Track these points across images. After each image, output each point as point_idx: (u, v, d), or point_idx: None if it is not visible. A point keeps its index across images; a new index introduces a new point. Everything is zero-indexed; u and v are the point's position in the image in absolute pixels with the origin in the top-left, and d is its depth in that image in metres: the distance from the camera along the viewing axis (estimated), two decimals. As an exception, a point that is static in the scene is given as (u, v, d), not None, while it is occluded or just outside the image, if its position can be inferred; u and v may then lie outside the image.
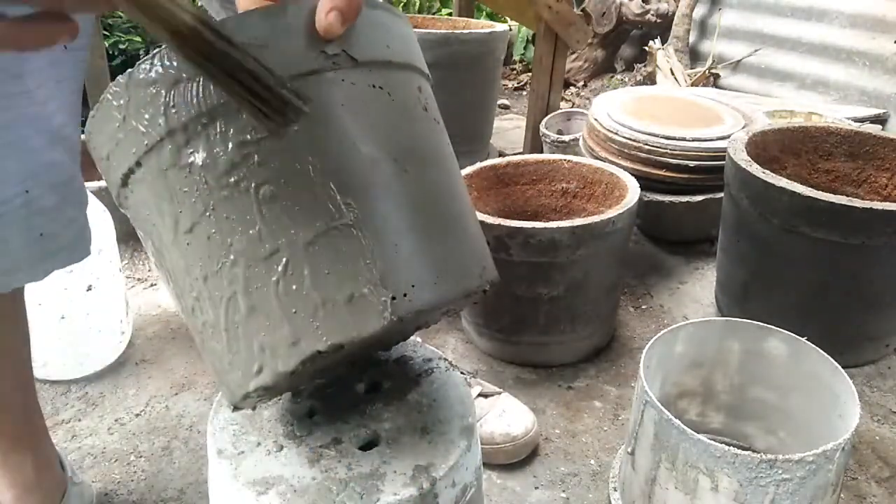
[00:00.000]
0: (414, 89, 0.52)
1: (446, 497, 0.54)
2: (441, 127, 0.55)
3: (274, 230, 0.45)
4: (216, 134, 0.45)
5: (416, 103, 0.52)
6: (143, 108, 0.46)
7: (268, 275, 0.45)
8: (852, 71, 2.50)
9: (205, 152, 0.45)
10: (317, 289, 0.44)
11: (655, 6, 3.19)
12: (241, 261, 0.46)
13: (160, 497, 0.99)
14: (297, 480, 0.53)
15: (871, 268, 1.16)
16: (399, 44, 0.52)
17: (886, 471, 1.07)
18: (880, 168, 1.40)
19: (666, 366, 0.96)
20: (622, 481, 0.96)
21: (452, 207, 0.52)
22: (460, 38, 1.82)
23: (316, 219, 0.44)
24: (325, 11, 0.45)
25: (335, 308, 0.45)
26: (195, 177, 0.45)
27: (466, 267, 0.51)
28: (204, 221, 0.46)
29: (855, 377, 1.22)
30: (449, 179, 0.54)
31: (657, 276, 1.58)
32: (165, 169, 0.46)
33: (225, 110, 0.44)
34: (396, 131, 0.49)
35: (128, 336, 1.29)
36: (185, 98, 0.44)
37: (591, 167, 1.39)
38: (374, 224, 0.46)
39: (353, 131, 0.46)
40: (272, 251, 0.45)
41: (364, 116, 0.46)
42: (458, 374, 0.65)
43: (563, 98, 3.14)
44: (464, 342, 1.35)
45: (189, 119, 0.45)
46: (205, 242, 0.46)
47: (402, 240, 0.47)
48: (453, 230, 0.51)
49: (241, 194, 0.45)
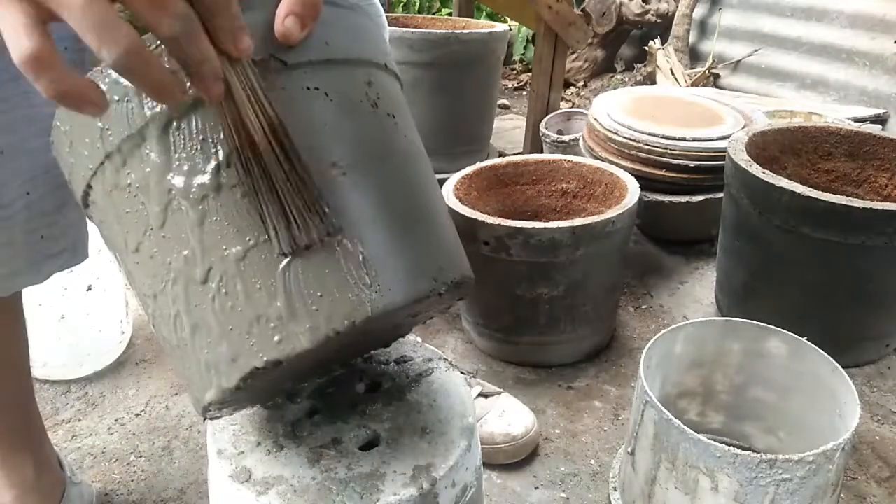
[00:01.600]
0: (361, 85, 0.50)
1: (446, 497, 0.54)
2: (396, 121, 0.52)
3: (207, 247, 0.44)
4: (148, 153, 0.45)
5: (362, 100, 0.49)
6: (83, 132, 0.47)
7: (205, 293, 0.45)
8: (852, 71, 2.50)
9: (139, 172, 0.45)
10: (250, 305, 0.44)
11: (655, 6, 3.19)
12: (180, 279, 0.46)
13: (160, 497, 0.99)
14: (297, 480, 0.53)
15: (871, 268, 1.16)
16: (342, 38, 0.50)
17: (886, 471, 1.07)
18: (880, 168, 1.40)
19: (666, 366, 0.96)
20: (622, 481, 0.96)
21: (405, 207, 0.49)
22: (460, 38, 1.82)
23: (246, 234, 0.44)
24: (282, 17, 0.44)
25: (268, 324, 0.44)
26: (134, 197, 0.46)
27: (420, 271, 0.48)
28: (146, 241, 0.46)
29: (855, 377, 1.22)
30: (402, 177, 0.51)
31: (657, 276, 1.58)
32: (110, 190, 0.47)
33: (154, 128, 0.44)
34: (335, 134, 0.47)
35: (128, 336, 1.29)
36: (117, 119, 0.45)
37: (591, 167, 1.39)
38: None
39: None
40: (207, 269, 0.45)
41: (296, 122, 0.45)
42: (458, 374, 0.65)
43: (563, 98, 3.14)
44: (464, 342, 1.35)
45: (122, 140, 0.45)
46: (149, 262, 0.47)
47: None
48: (403, 233, 0.48)
49: (174, 213, 0.45)
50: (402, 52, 1.75)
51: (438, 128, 1.89)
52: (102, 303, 1.19)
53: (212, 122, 0.44)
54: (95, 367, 1.22)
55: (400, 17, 2.18)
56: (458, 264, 0.53)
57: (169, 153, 0.44)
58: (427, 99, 1.84)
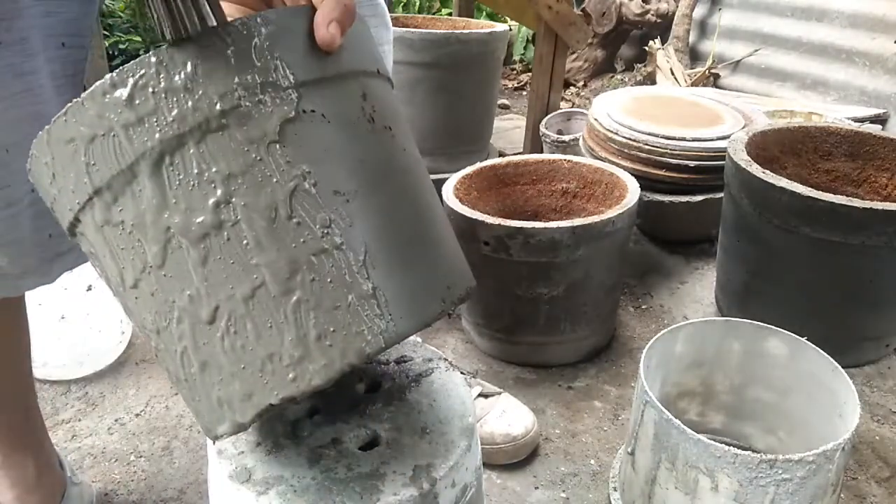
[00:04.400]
0: (356, 99, 0.47)
1: (446, 497, 0.54)
2: (393, 134, 0.49)
3: (212, 287, 0.43)
4: (140, 190, 0.43)
5: (358, 117, 0.47)
6: (66, 166, 0.44)
7: (213, 332, 0.44)
8: (852, 71, 2.50)
9: (133, 210, 0.43)
10: (261, 344, 0.43)
11: (655, 6, 3.19)
12: (185, 318, 0.44)
13: (160, 497, 0.99)
14: (297, 480, 0.53)
15: (871, 268, 1.16)
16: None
17: (886, 471, 1.07)
18: (880, 168, 1.40)
19: (666, 366, 0.96)
20: (622, 481, 0.96)
21: (410, 226, 0.48)
22: (460, 38, 1.82)
23: (252, 272, 0.42)
24: (325, 24, 0.43)
25: (281, 362, 0.43)
26: (129, 234, 0.44)
27: (430, 294, 0.47)
28: (145, 279, 0.44)
29: (855, 377, 1.22)
30: (405, 195, 0.48)
31: (657, 276, 1.58)
32: (101, 226, 0.45)
33: (146, 164, 0.42)
34: (336, 160, 0.45)
35: (128, 336, 1.29)
36: (103, 154, 0.43)
37: (591, 167, 1.39)
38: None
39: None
40: (213, 308, 0.43)
41: (296, 150, 0.43)
42: (458, 374, 0.65)
43: (563, 98, 3.14)
44: (464, 342, 1.35)
45: (111, 177, 0.43)
46: (150, 299, 0.45)
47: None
48: (411, 256, 0.47)
49: (174, 252, 0.43)
50: (402, 52, 1.75)
51: (438, 128, 1.89)
52: (102, 303, 1.19)
53: (207, 156, 0.42)
54: (95, 367, 1.22)
55: (400, 17, 2.18)
56: (463, 277, 0.51)
57: (164, 190, 0.42)
58: (427, 99, 1.84)
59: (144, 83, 0.41)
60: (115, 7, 2.90)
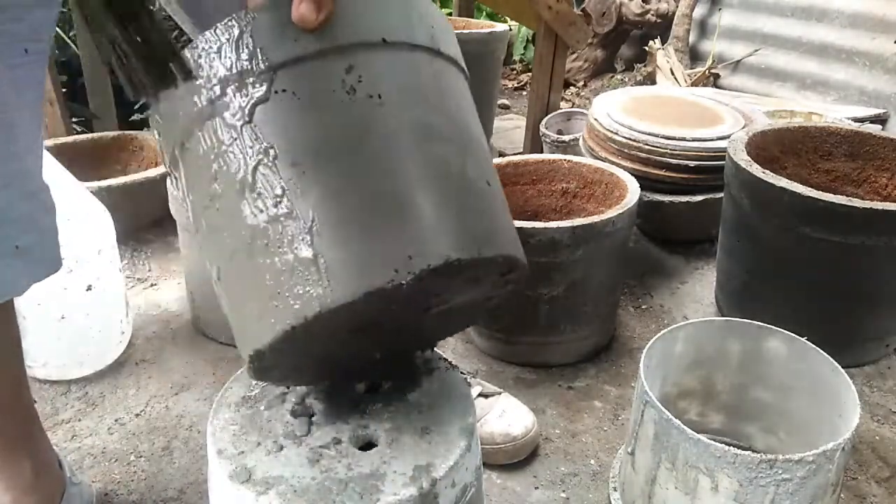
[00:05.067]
0: (338, 73, 0.49)
1: (446, 497, 0.54)
2: (381, 102, 0.50)
3: (213, 252, 0.54)
4: (176, 176, 0.56)
5: (335, 90, 0.49)
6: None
7: (219, 289, 0.54)
8: (852, 71, 2.50)
9: (179, 186, 0.55)
10: (242, 301, 0.52)
11: (655, 6, 3.19)
12: (212, 274, 0.54)
13: (160, 497, 0.99)
14: (297, 480, 0.53)
15: (871, 268, 1.16)
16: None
17: (886, 471, 1.07)
18: (880, 168, 1.40)
19: (666, 366, 0.96)
20: (622, 481, 0.96)
21: (374, 195, 0.49)
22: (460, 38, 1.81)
23: (231, 238, 0.51)
24: (297, 4, 0.45)
25: (252, 317, 0.50)
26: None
27: (380, 262, 0.47)
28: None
29: (855, 377, 1.22)
30: (377, 162, 0.49)
31: (657, 276, 1.58)
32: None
33: (178, 152, 0.54)
34: (298, 134, 0.49)
35: (128, 336, 1.29)
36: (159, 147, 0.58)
37: (591, 167, 1.39)
38: (295, 222, 0.48)
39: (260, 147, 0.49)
40: (217, 270, 0.53)
41: (263, 127, 0.49)
42: (458, 374, 0.65)
43: (563, 98, 3.14)
44: (464, 342, 1.35)
45: (168, 161, 0.57)
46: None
47: (325, 233, 0.48)
48: (367, 224, 0.48)
49: (197, 221, 0.54)
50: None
51: (438, 128, 1.88)
52: (102, 303, 1.19)
53: (206, 139, 0.51)
54: (95, 367, 1.22)
55: (400, 17, 2.18)
56: (446, 246, 0.49)
57: (188, 170, 0.54)
58: (427, 99, 1.84)
59: (165, 94, 0.52)
60: (115, 7, 2.89)
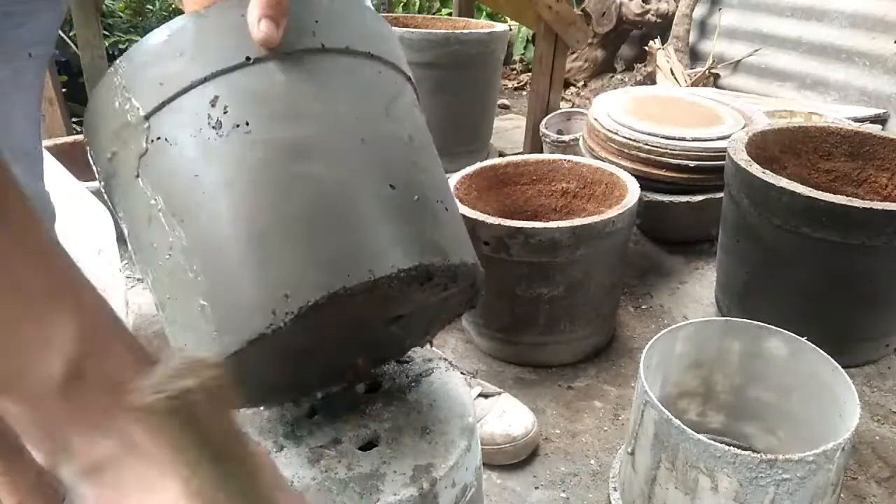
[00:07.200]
0: (203, 109, 0.46)
1: (446, 497, 0.54)
2: (248, 130, 0.45)
3: (157, 294, 0.52)
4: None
5: (201, 129, 0.46)
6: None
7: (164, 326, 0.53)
8: (852, 71, 2.50)
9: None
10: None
11: (655, 6, 3.19)
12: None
13: (160, 497, 0.99)
14: (297, 480, 0.53)
15: (870, 268, 1.16)
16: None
17: (886, 471, 1.07)
18: (880, 168, 1.40)
19: (666, 366, 0.96)
20: (622, 481, 0.96)
21: (245, 234, 0.45)
22: (460, 38, 1.82)
23: (154, 290, 0.50)
24: (256, 21, 0.43)
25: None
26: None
27: (254, 308, 0.44)
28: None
29: (855, 377, 1.22)
30: (251, 197, 0.45)
31: (657, 276, 1.58)
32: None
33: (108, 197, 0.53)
34: (176, 182, 0.47)
35: (128, 336, 1.29)
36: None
37: (591, 167, 1.39)
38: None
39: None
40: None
41: (154, 179, 0.47)
42: (458, 374, 0.65)
43: (563, 98, 3.14)
44: (464, 342, 1.35)
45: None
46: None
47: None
48: (238, 268, 0.45)
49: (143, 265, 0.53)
50: (402, 52, 1.75)
51: (438, 128, 1.87)
52: (102, 303, 1.19)
53: (114, 192, 0.52)
54: (95, 367, 1.22)
55: (400, 17, 2.18)
56: (326, 276, 0.44)
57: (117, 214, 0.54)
58: (427, 99, 1.82)
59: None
60: (115, 7, 2.90)
